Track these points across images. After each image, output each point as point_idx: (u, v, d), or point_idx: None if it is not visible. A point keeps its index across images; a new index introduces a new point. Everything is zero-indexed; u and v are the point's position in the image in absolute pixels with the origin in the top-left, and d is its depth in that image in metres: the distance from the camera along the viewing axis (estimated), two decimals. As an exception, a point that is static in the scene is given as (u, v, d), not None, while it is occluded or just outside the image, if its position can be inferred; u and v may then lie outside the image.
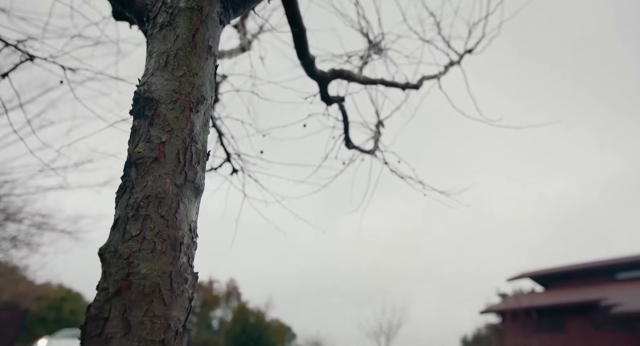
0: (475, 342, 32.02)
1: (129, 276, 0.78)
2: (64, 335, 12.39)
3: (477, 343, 31.61)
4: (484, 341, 27.78)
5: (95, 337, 0.74)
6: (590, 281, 18.99)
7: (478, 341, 31.40)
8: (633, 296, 15.27)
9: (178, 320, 0.81)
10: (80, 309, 19.16)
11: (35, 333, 16.73)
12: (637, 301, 14.50)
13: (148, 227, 0.82)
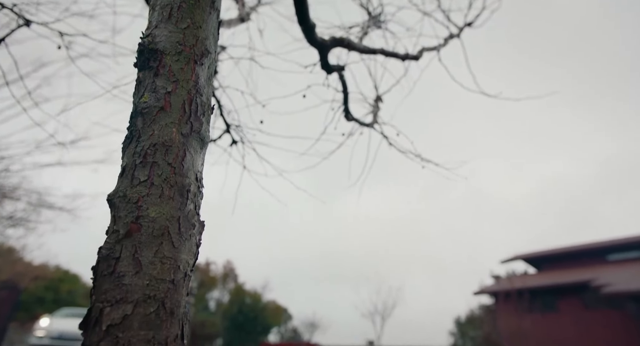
0: (469, 323, 32.67)
1: (138, 219, 0.79)
2: (65, 314, 12.35)
3: (470, 323, 32.25)
4: (477, 321, 28.32)
5: (107, 275, 0.76)
6: (582, 262, 19.31)
7: (471, 321, 32.03)
8: (623, 276, 15.57)
9: (187, 263, 0.83)
10: (77, 290, 19.34)
11: (33, 313, 16.91)
12: (627, 282, 14.79)
13: (156, 173, 0.84)
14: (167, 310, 0.76)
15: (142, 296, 0.74)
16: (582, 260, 19.44)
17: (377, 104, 2.91)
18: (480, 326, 23.40)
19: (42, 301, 17.23)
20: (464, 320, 34.01)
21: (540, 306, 17.36)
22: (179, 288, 0.79)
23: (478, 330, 27.83)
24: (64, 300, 17.85)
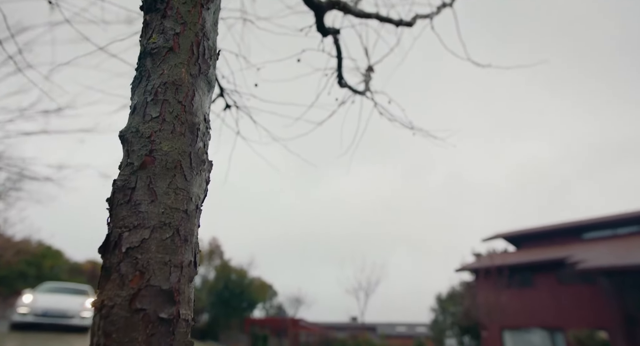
0: (449, 299, 33.66)
1: (152, 153, 0.83)
2: (48, 289, 12.12)
3: (451, 299, 33.24)
4: (458, 297, 29.22)
5: (124, 204, 0.80)
6: (559, 241, 19.98)
7: (452, 298, 33.01)
8: (596, 253, 16.20)
9: (198, 197, 0.87)
10: (61, 266, 19.20)
11: (16, 289, 16.77)
12: (599, 258, 15.41)
13: (167, 110, 0.86)
14: (181, 237, 0.80)
15: (158, 223, 0.78)
16: (559, 238, 20.11)
17: (369, 73, 2.93)
18: (461, 302, 24.15)
19: (24, 277, 17.08)
20: (445, 296, 35.02)
21: (517, 282, 17.99)
22: (192, 218, 0.83)
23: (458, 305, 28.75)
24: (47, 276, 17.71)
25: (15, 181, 7.58)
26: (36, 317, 10.43)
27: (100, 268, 0.78)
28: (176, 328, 0.75)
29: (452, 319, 32.49)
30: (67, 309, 10.86)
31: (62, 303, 11.03)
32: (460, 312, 26.25)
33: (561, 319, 16.65)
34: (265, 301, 33.87)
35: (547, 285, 17.86)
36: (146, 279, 0.74)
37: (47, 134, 4.35)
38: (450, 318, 33.10)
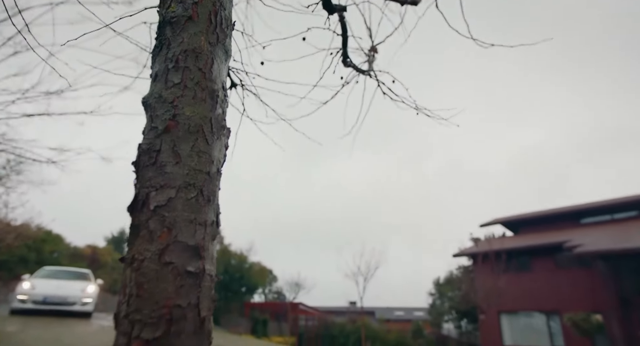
0: (447, 284, 34.07)
1: (175, 117, 0.86)
2: (47, 274, 11.85)
3: (449, 284, 33.65)
4: (456, 282, 29.57)
5: (149, 165, 0.83)
6: (557, 225, 20.15)
7: (450, 282, 33.41)
8: (594, 238, 16.37)
9: (218, 161, 0.91)
10: (61, 251, 19.31)
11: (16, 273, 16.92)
12: (597, 243, 15.57)
13: (188, 77, 0.89)
14: (205, 197, 0.84)
15: (183, 183, 0.82)
16: (557, 223, 20.27)
17: (373, 54, 2.94)
18: (459, 286, 24.44)
19: (25, 261, 17.18)
20: (443, 281, 35.44)
21: (515, 266, 18.19)
22: (214, 180, 0.87)
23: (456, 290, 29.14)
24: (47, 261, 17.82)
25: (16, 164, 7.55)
26: (36, 304, 10.28)
27: (130, 226, 0.82)
28: (202, 281, 0.79)
29: (450, 303, 32.96)
30: (67, 295, 10.72)
31: (63, 289, 10.84)
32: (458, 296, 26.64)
33: (558, 302, 16.91)
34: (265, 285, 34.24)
35: (545, 269, 18.08)
36: (174, 235, 0.78)
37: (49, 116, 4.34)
38: (448, 303, 33.57)
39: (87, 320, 11.83)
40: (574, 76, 68.15)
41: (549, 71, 59.27)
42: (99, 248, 22.31)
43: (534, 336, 17.84)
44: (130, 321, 0.74)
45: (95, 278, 20.52)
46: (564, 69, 64.36)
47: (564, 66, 61.99)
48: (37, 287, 10.55)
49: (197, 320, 0.77)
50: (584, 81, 67.25)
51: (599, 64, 63.64)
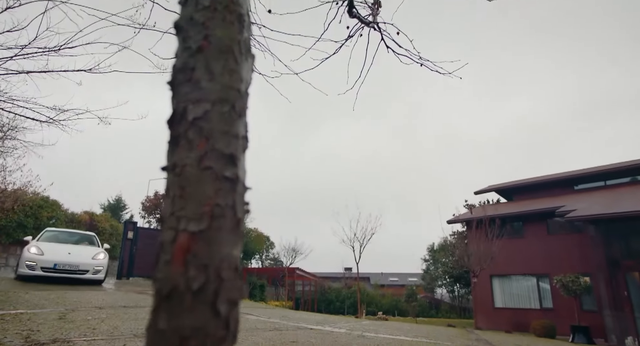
0: (441, 250, 34.89)
1: (207, 38, 0.92)
2: (51, 237, 11.41)
3: (443, 250, 34.47)
4: (449, 248, 30.26)
5: (185, 82, 0.90)
6: (551, 192, 20.50)
7: (444, 249, 34.21)
8: (586, 203, 16.71)
9: (247, 81, 0.97)
10: (59, 216, 19.40)
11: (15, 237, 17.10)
12: (589, 208, 15.92)
13: (217, 1, 0.94)
14: (236, 112, 0.91)
15: (217, 98, 0.89)
16: (551, 190, 20.61)
17: (377, 7, 2.95)
18: (452, 251, 25.02)
19: (23, 227, 17.32)
20: (438, 247, 36.27)
21: (509, 232, 18.64)
22: (244, 98, 0.94)
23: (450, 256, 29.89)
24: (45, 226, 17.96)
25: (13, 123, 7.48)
26: (45, 271, 9.85)
27: (169, 138, 0.89)
28: (237, 186, 0.88)
29: (443, 268, 33.92)
30: (79, 263, 10.28)
31: (74, 256, 10.38)
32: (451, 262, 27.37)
33: (549, 266, 17.45)
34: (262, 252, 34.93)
35: (537, 235, 18.55)
36: (211, 144, 0.86)
37: (48, 74, 4.29)
38: (441, 268, 34.56)
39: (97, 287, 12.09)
40: (566, 43, 67.38)
41: (540, 39, 58.56)
42: (96, 215, 22.47)
43: (524, 298, 18.52)
44: (176, 217, 0.82)
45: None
46: (555, 37, 63.50)
47: (555, 33, 61.17)
48: (46, 252, 10.06)
49: (234, 219, 0.86)
50: (575, 48, 66.59)
51: (590, 31, 62.87)
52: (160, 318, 0.79)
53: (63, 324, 5.27)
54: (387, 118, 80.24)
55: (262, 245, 33.02)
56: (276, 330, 6.77)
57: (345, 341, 6.30)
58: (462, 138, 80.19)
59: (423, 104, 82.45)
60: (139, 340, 4.56)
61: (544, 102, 75.76)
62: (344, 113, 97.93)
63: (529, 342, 10.28)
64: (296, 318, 9.66)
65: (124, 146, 72.58)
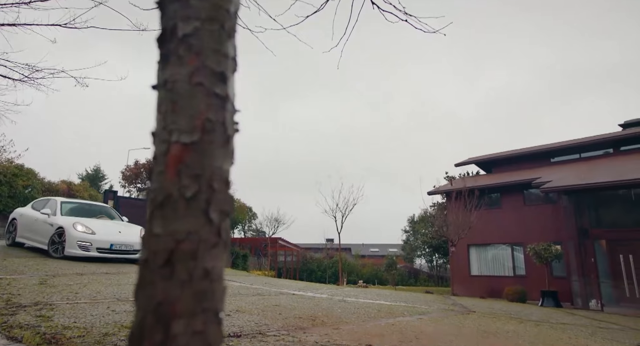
0: (421, 221, 35.70)
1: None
2: (74, 210, 10.57)
3: (423, 221, 35.29)
4: (429, 219, 31.00)
5: (174, 0, 0.90)
6: (528, 164, 21.02)
7: (423, 220, 35.01)
8: (562, 175, 17.24)
9: (235, 4, 0.98)
10: (34, 185, 18.97)
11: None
12: (563, 180, 16.44)
13: None
14: (226, 32, 0.92)
15: (207, 17, 0.90)
16: (528, 162, 21.14)
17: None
18: (432, 222, 25.65)
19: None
20: (418, 219, 37.07)
21: (487, 203, 19.17)
22: (233, 18, 0.95)
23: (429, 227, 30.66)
24: (21, 195, 17.57)
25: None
26: (101, 252, 9.30)
27: (159, 56, 0.90)
28: (227, 105, 0.90)
29: (422, 239, 34.83)
30: (133, 242, 9.77)
31: (124, 235, 9.85)
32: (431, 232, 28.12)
33: (523, 236, 18.11)
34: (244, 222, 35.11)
35: (514, 206, 19.13)
36: (201, 60, 0.87)
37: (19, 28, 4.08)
38: (421, 239, 35.49)
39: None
40: (541, 17, 67.66)
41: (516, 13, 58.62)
42: (74, 184, 22.05)
43: (498, 266, 19.27)
44: (168, 130, 0.84)
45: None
46: (531, 11, 63.71)
47: (531, 7, 61.35)
48: (98, 231, 9.47)
49: (224, 135, 0.88)
50: (552, 22, 66.97)
51: (569, 4, 63.09)
52: (156, 225, 0.83)
53: (44, 289, 5.27)
54: (366, 92, 79.95)
55: (244, 216, 33.18)
56: (259, 295, 6.93)
57: (327, 305, 6.50)
58: (442, 112, 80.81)
59: (403, 78, 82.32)
60: (122, 303, 4.61)
61: (521, 77, 76.58)
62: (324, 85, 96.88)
63: (501, 306, 10.79)
64: (279, 284, 9.88)
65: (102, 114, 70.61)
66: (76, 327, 3.29)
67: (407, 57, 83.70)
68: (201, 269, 0.82)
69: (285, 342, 3.43)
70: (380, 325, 4.99)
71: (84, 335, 3.07)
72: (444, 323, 5.87)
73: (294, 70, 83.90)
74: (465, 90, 77.90)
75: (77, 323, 3.45)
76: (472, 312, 7.98)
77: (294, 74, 60.79)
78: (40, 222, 10.01)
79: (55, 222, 9.67)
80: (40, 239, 9.83)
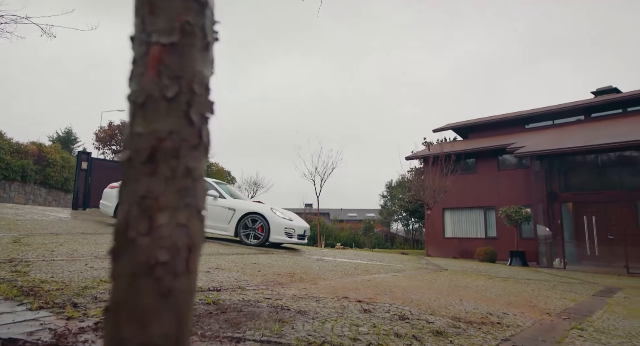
0: (399, 186, 36.36)
1: None
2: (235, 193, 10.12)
3: (400, 187, 35.95)
4: (406, 184, 31.57)
5: None
6: (504, 131, 21.46)
7: (401, 185, 35.66)
8: (535, 141, 17.72)
9: None
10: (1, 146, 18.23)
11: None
12: (536, 145, 16.91)
13: None
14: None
15: None
16: (504, 129, 21.57)
17: None
18: (409, 186, 26.15)
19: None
20: (395, 184, 37.72)
21: (462, 168, 19.60)
22: None
23: (407, 192, 31.28)
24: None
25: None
26: (300, 238, 9.27)
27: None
28: (205, 11, 0.90)
29: (399, 203, 35.60)
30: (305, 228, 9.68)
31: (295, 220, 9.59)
32: (408, 196, 28.73)
33: (496, 199, 18.74)
34: (224, 186, 34.98)
35: (488, 171, 19.66)
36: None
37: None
38: (398, 203, 36.27)
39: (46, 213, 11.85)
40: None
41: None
42: (45, 146, 21.32)
43: (471, 229, 20.01)
44: (147, 33, 0.85)
45: (45, 176, 19.26)
46: None
47: None
48: (294, 218, 9.42)
49: (204, 41, 0.89)
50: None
51: None
52: (137, 124, 0.85)
53: (19, 247, 5.20)
54: (336, 55, 78.80)
55: (222, 179, 32.99)
56: (238, 255, 7.04)
57: (305, 263, 6.68)
58: (413, 78, 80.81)
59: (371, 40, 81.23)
60: (100, 261, 4.60)
61: (494, 44, 76.99)
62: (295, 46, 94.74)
63: (472, 265, 11.32)
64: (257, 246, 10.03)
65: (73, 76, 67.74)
66: (54, 281, 3.29)
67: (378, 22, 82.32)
68: (183, 167, 0.85)
69: (265, 295, 3.54)
70: (356, 280, 5.19)
71: (62, 288, 3.08)
72: (418, 279, 6.15)
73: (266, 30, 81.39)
74: (435, 57, 77.83)
75: (54, 277, 3.44)
76: (445, 270, 8.36)
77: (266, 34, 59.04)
78: (212, 206, 9.11)
79: (240, 207, 9.08)
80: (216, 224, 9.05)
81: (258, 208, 9.07)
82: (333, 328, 2.62)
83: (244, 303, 3.11)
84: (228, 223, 8.99)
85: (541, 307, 4.37)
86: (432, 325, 2.96)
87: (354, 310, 3.23)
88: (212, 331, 2.31)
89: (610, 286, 8.27)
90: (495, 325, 3.19)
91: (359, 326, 2.74)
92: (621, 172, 16.02)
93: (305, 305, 3.25)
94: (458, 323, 3.09)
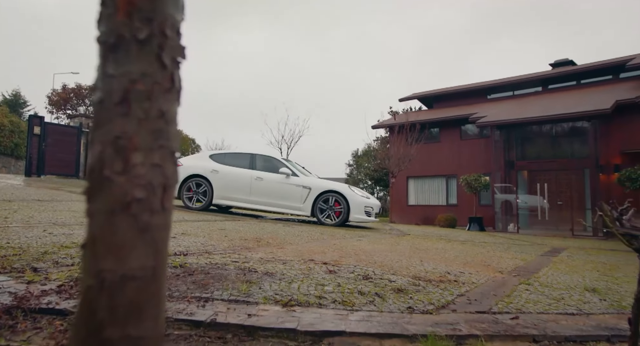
0: (365, 155, 36.79)
1: None
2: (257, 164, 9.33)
3: (366, 156, 36.39)
4: (372, 153, 32.01)
5: None
6: (467, 101, 21.95)
7: (367, 154, 36.09)
8: (496, 111, 18.29)
9: None
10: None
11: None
12: (497, 115, 17.48)
13: None
14: None
15: None
16: (467, 99, 22.06)
17: None
18: (375, 155, 26.53)
19: None
20: (361, 153, 38.11)
21: (427, 137, 20.03)
22: None
23: (372, 161, 31.76)
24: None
25: None
26: (376, 216, 9.20)
27: None
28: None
29: (365, 172, 36.18)
30: (379, 205, 9.35)
31: (372, 199, 9.31)
32: (373, 165, 29.22)
33: (457, 168, 19.39)
34: (187, 153, 34.28)
35: (451, 140, 20.20)
36: None
37: None
38: (363, 172, 36.83)
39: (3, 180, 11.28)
40: None
41: None
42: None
43: (433, 196, 20.71)
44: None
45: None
46: None
47: None
48: (367, 195, 9.15)
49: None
50: None
51: None
52: (109, 67, 0.85)
53: (-32, 216, 4.96)
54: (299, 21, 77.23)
55: (187, 147, 32.27)
56: (204, 221, 7.04)
57: (272, 229, 6.78)
58: (378, 48, 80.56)
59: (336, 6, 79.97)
60: (59, 227, 4.47)
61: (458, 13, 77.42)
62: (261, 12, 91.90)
63: (433, 230, 11.83)
64: (224, 213, 10.03)
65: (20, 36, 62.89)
66: (10, 247, 3.20)
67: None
68: (156, 109, 0.87)
69: (232, 259, 3.60)
70: (322, 245, 5.34)
71: (20, 253, 3.00)
72: (381, 243, 6.39)
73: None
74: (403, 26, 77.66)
75: (10, 243, 3.33)
76: (407, 235, 8.71)
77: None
78: (284, 185, 8.82)
79: (316, 185, 8.80)
80: (289, 203, 8.81)
81: (336, 186, 8.84)
82: (299, 288, 2.73)
83: (211, 266, 3.17)
84: (303, 203, 8.75)
85: (494, 266, 4.69)
86: (393, 283, 3.13)
87: (320, 271, 3.36)
88: (180, 292, 2.36)
89: (557, 247, 8.93)
90: (452, 282, 3.42)
91: (325, 285, 2.87)
92: (572, 141, 16.91)
93: (272, 267, 3.34)
94: (418, 282, 3.29)
